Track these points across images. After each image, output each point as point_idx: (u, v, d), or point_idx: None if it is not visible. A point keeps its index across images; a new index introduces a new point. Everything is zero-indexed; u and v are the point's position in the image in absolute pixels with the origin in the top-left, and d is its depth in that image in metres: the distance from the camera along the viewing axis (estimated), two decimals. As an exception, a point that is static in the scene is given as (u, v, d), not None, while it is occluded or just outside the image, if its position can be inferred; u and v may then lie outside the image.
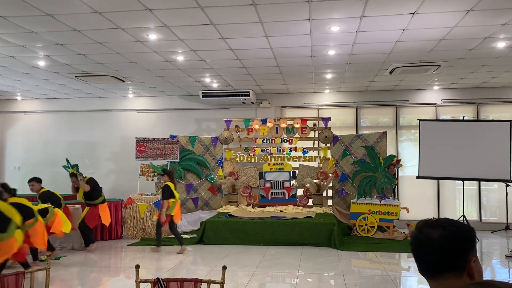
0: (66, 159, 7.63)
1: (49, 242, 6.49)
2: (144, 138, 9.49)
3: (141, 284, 2.45)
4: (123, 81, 8.85)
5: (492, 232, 9.02)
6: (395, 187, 9.22)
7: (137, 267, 2.42)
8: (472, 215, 9.79)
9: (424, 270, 1.37)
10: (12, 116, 11.47)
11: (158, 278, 2.34)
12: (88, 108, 11.13)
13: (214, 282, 2.39)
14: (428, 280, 1.36)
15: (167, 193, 7.22)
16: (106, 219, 7.72)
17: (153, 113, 10.98)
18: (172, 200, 7.24)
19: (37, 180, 7.10)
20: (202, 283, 2.37)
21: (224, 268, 2.45)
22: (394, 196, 9.13)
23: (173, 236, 8.46)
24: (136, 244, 7.98)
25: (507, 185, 9.07)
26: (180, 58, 7.20)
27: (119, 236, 8.62)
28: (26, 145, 11.30)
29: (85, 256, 7.13)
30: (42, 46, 6.53)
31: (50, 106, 11.26)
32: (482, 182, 9.78)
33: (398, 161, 9.27)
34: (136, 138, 9.50)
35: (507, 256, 6.89)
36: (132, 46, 6.50)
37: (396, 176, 9.34)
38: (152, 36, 6.04)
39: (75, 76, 8.50)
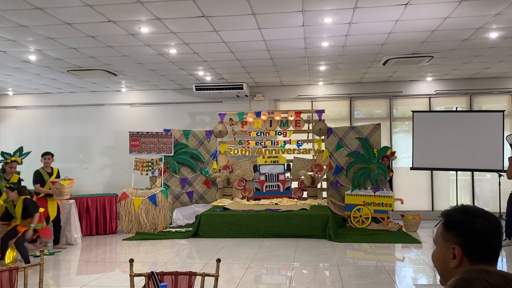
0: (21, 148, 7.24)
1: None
2: (138, 132, 9.44)
3: (135, 278, 2.45)
4: (115, 75, 8.79)
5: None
6: (390, 179, 9.26)
7: (131, 261, 2.42)
8: (465, 205, 9.86)
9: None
10: (4, 111, 11.37)
11: (152, 272, 2.33)
12: (80, 103, 11.05)
13: (208, 275, 2.39)
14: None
15: (36, 207, 6.46)
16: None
17: (147, 107, 10.93)
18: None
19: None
20: (197, 276, 2.37)
21: (218, 261, 2.45)
22: (390, 188, 9.17)
23: (167, 230, 8.49)
24: (131, 238, 7.98)
25: (499, 175, 9.14)
26: (173, 51, 7.15)
27: (114, 230, 8.62)
28: (19, 140, 11.20)
29: (80, 251, 7.12)
30: (33, 40, 6.46)
31: (42, 101, 11.18)
32: (475, 173, 9.85)
33: (393, 153, 9.31)
34: (129, 132, 9.44)
35: (499, 245, 6.95)
36: (124, 39, 6.44)
37: (391, 168, 9.37)
38: (144, 29, 5.99)
39: (67, 71, 8.43)
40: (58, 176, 7.68)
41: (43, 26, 5.81)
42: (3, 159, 7.01)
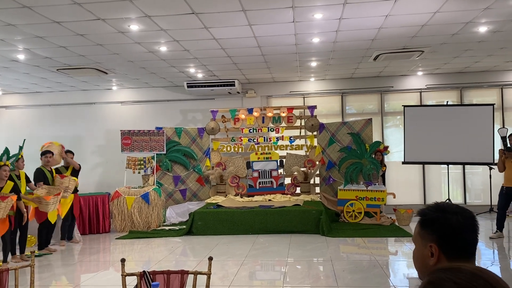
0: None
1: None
2: (130, 131, 9.40)
3: (128, 277, 2.44)
4: (106, 73, 8.73)
5: (476, 215, 9.13)
6: (383, 173, 9.29)
7: (123, 261, 2.41)
8: (457, 198, 9.96)
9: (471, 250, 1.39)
10: (-7, 111, 11.26)
11: (144, 271, 2.33)
12: (71, 102, 10.97)
13: (200, 273, 2.39)
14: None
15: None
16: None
17: (138, 105, 10.87)
18: None
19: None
20: (189, 275, 2.37)
21: (210, 259, 2.45)
22: (383, 182, 9.20)
23: (160, 228, 8.47)
24: (125, 237, 7.95)
25: (490, 168, 9.23)
26: (163, 48, 7.11)
27: (107, 229, 8.58)
28: (9, 140, 11.06)
29: (73, 250, 7.09)
30: (21, 39, 6.39)
31: (32, 100, 11.07)
32: (466, 166, 9.93)
33: (386, 147, 9.34)
34: (121, 130, 9.39)
35: (491, 238, 7.03)
36: (114, 37, 6.39)
37: (384, 163, 9.38)
38: (134, 27, 5.95)
39: (57, 69, 8.36)
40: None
41: (31, 25, 5.75)
42: None
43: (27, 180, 6.87)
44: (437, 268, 1.08)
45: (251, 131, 9.89)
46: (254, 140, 9.87)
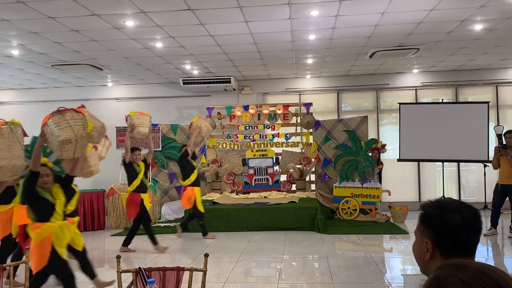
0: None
1: None
2: (125, 127, 9.33)
3: (123, 274, 2.43)
4: (101, 69, 8.68)
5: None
6: (380, 171, 9.30)
7: (118, 257, 2.40)
8: (451, 196, 9.99)
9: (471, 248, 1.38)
10: (-13, 107, 11.17)
11: (140, 268, 2.32)
12: (66, 98, 10.88)
13: (196, 270, 2.39)
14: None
15: None
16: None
17: (133, 101, 10.82)
18: None
19: None
20: (185, 271, 2.37)
21: (206, 255, 2.44)
22: (380, 180, 9.22)
23: (156, 225, 8.45)
24: (120, 234, 7.94)
25: (485, 166, 9.27)
26: (159, 45, 7.08)
27: (102, 226, 8.56)
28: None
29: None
30: (16, 35, 6.34)
31: (27, 96, 11.00)
32: (461, 163, 9.98)
33: (383, 145, 9.35)
34: (116, 127, 9.36)
35: (485, 235, 7.07)
36: (109, 33, 6.36)
37: (380, 161, 9.37)
38: (129, 23, 5.91)
39: (52, 65, 8.29)
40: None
41: (25, 20, 5.70)
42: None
43: None
44: (444, 264, 1.08)
45: (247, 128, 9.88)
46: (250, 137, 9.86)
